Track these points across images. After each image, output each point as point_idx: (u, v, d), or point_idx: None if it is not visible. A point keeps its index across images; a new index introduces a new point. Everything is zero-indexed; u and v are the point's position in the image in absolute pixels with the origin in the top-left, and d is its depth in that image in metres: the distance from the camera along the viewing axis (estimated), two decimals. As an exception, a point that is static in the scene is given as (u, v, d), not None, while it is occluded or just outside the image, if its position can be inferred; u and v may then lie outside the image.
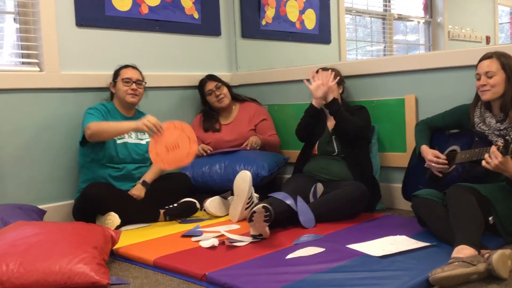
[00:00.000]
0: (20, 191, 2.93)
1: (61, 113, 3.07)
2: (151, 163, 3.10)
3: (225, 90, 3.53)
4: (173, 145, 2.74)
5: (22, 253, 1.94)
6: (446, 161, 2.50)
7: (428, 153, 2.57)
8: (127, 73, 3.02)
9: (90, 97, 3.15)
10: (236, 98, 3.62)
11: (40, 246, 1.99)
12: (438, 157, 2.52)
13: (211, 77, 3.56)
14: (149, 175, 3.02)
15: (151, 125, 2.69)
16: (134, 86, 3.01)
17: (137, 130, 2.86)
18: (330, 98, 2.91)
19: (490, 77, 2.34)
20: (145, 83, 3.10)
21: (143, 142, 3.08)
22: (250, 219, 2.35)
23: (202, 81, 3.57)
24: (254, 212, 2.33)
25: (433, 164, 2.52)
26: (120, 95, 3.03)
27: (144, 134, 3.09)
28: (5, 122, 2.89)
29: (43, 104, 3.03)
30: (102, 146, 2.92)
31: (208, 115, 3.56)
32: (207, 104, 3.57)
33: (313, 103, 3.00)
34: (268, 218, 2.35)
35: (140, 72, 3.10)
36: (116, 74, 3.07)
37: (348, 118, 2.90)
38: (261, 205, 2.34)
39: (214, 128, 3.52)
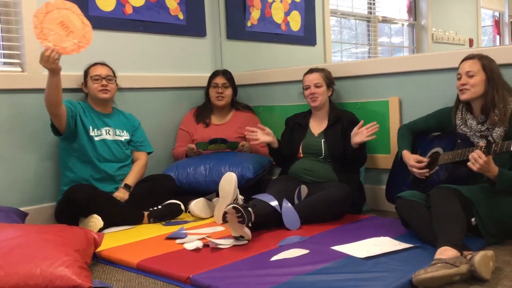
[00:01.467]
0: (1, 193, 2.89)
1: (42, 114, 3.02)
2: (132, 162, 3.09)
3: (229, 92, 3.53)
4: (63, 24, 2.50)
5: (2, 256, 1.91)
6: (427, 166, 2.53)
7: (410, 158, 2.59)
8: (96, 70, 3.00)
9: (73, 98, 3.11)
10: (234, 106, 3.60)
11: (21, 249, 1.96)
12: (420, 161, 2.54)
13: (225, 73, 3.54)
14: (130, 178, 3.01)
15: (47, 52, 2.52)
16: (104, 82, 2.99)
17: (53, 70, 2.57)
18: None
19: (470, 77, 2.38)
20: (116, 78, 3.07)
21: (122, 139, 3.07)
22: (224, 220, 2.37)
23: (216, 72, 3.56)
24: (226, 212, 2.34)
25: (415, 170, 2.55)
26: (92, 93, 3.02)
27: (123, 131, 3.07)
28: (-14, 123, 2.85)
29: (25, 105, 2.99)
30: (79, 141, 2.90)
31: (204, 108, 3.57)
32: (207, 96, 3.57)
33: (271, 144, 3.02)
34: (241, 219, 2.34)
35: (110, 68, 3.08)
36: (86, 73, 3.06)
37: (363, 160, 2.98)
38: (231, 205, 2.34)
39: (205, 122, 3.52)
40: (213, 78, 3.54)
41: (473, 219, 2.22)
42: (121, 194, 2.92)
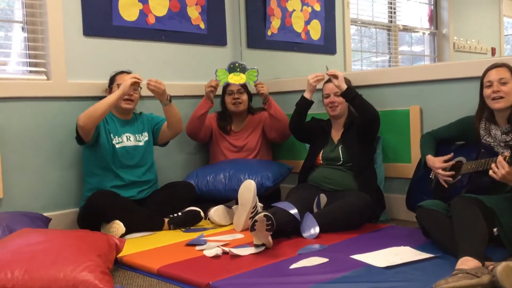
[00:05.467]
0: (25, 199, 2.95)
1: (67, 122, 3.09)
2: (154, 166, 3.12)
3: (244, 97, 3.54)
4: None
5: (27, 261, 1.95)
6: (452, 170, 2.50)
7: (435, 161, 2.56)
8: (123, 79, 3.02)
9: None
10: (251, 111, 3.63)
11: (45, 253, 2.00)
12: (446, 161, 2.51)
13: None
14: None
15: (132, 80, 2.83)
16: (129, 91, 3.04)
17: (124, 93, 2.88)
18: (344, 87, 2.89)
19: (503, 84, 2.34)
20: (141, 88, 3.12)
21: (142, 143, 3.10)
22: (252, 228, 2.35)
23: None
24: (256, 221, 2.33)
25: (440, 172, 2.51)
26: None
27: (142, 135, 3.11)
28: (12, 130, 2.91)
29: (50, 112, 3.05)
30: (101, 149, 2.94)
31: (223, 116, 3.59)
32: (223, 103, 3.59)
33: (304, 94, 3.07)
34: (270, 227, 2.35)
35: None
36: (112, 80, 3.09)
37: (367, 102, 2.91)
38: (262, 213, 2.35)
39: (226, 130, 3.54)
40: (227, 86, 3.56)
41: (495, 229, 2.19)
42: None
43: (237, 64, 3.37)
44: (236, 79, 3.36)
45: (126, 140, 3.05)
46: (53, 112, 3.06)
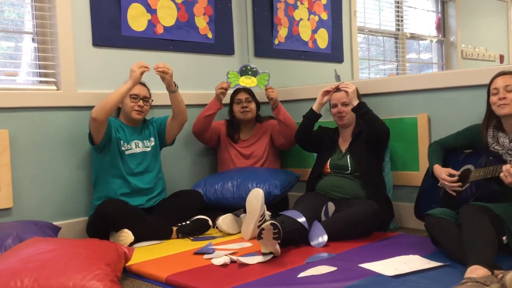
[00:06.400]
0: (35, 208, 2.97)
1: (77, 131, 3.12)
2: (159, 171, 3.15)
3: (253, 105, 3.55)
4: None
5: (36, 269, 1.97)
6: (460, 179, 2.50)
7: (442, 172, 2.56)
8: (135, 90, 3.05)
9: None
10: (258, 119, 3.64)
11: (55, 262, 2.02)
12: (452, 175, 2.51)
13: (246, 89, 3.55)
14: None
15: (141, 70, 2.85)
16: (141, 103, 3.05)
17: (135, 83, 2.90)
18: (355, 102, 2.92)
19: (509, 91, 2.34)
20: (152, 100, 3.14)
21: (149, 148, 3.12)
22: (259, 237, 2.35)
23: (237, 89, 3.57)
24: (263, 229, 2.33)
25: (447, 183, 2.52)
26: (126, 110, 3.07)
27: (149, 140, 3.13)
28: (22, 140, 2.94)
29: (60, 122, 3.08)
30: (111, 155, 2.97)
31: (232, 124, 3.61)
32: (232, 112, 3.61)
33: (313, 107, 3.08)
34: (277, 235, 2.35)
35: (148, 89, 3.14)
36: None
37: (377, 118, 2.92)
38: (269, 222, 2.35)
39: (234, 138, 3.56)
40: (235, 95, 3.57)
41: (504, 237, 2.18)
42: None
43: (249, 67, 3.39)
44: (248, 82, 3.38)
45: (135, 147, 3.07)
46: (63, 121, 3.09)
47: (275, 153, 3.62)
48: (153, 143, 3.16)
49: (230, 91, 3.54)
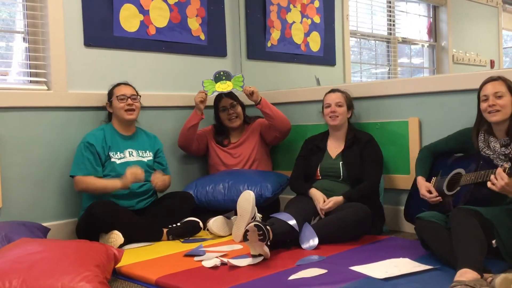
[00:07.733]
0: (24, 208, 2.95)
1: (67, 132, 3.10)
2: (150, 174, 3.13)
3: (239, 109, 3.54)
4: None
5: (25, 270, 1.95)
6: (448, 186, 2.51)
7: (422, 187, 2.59)
8: (121, 90, 3.04)
9: (96, 116, 3.18)
10: (247, 121, 3.63)
11: (43, 263, 2.00)
12: (430, 192, 2.54)
13: (227, 94, 3.52)
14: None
15: (135, 178, 2.88)
16: (129, 101, 3.04)
17: (124, 188, 2.91)
18: (339, 201, 2.86)
19: (499, 97, 2.35)
20: (140, 96, 3.12)
21: (145, 159, 3.10)
22: (245, 238, 2.37)
23: (219, 96, 3.53)
24: (247, 230, 2.34)
25: (426, 198, 2.55)
26: (117, 113, 3.06)
27: (146, 151, 3.12)
28: (12, 140, 2.92)
29: (50, 123, 3.06)
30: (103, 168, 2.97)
31: (220, 130, 3.59)
32: (218, 119, 3.60)
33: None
34: (262, 237, 2.35)
35: (133, 88, 3.13)
36: (110, 93, 3.10)
37: (364, 194, 2.87)
38: (253, 223, 2.35)
39: (223, 144, 3.55)
40: (219, 102, 3.54)
41: (493, 241, 2.19)
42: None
43: (222, 73, 3.40)
44: (224, 87, 3.39)
45: (129, 155, 3.05)
46: (53, 122, 3.07)
47: (266, 152, 3.62)
48: (150, 158, 3.14)
49: (211, 98, 3.51)
